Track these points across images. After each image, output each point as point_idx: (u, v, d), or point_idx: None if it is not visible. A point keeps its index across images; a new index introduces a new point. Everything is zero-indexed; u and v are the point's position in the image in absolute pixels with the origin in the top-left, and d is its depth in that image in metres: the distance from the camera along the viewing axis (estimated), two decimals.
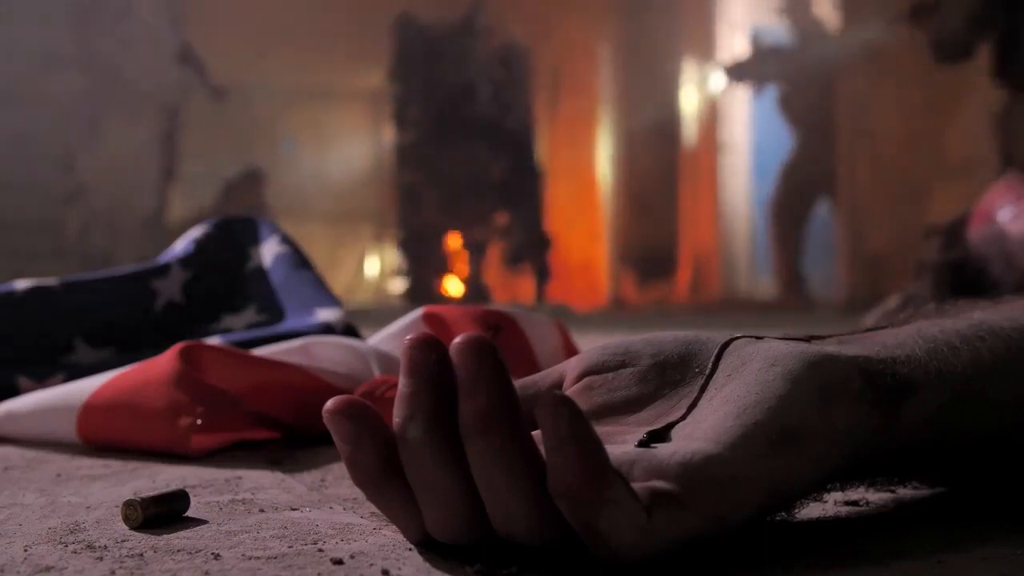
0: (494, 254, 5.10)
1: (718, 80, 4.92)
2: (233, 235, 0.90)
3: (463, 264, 5.07)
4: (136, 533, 0.40)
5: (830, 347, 0.38)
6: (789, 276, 4.61)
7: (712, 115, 4.97)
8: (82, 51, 3.87)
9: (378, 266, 4.99)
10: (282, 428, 0.63)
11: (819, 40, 4.57)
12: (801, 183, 4.60)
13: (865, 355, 0.38)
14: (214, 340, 0.74)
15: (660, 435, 0.35)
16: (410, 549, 0.37)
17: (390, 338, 0.74)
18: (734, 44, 4.83)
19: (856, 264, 4.37)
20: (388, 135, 5.06)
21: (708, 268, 4.98)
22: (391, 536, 0.39)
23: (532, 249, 5.02)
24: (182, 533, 0.40)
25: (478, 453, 0.32)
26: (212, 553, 0.37)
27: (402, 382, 0.34)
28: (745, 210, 4.91)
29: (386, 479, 0.35)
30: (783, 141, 4.77)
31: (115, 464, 0.57)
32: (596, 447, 0.30)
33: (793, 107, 4.70)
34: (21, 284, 0.80)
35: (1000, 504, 0.42)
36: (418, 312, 0.75)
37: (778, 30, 4.75)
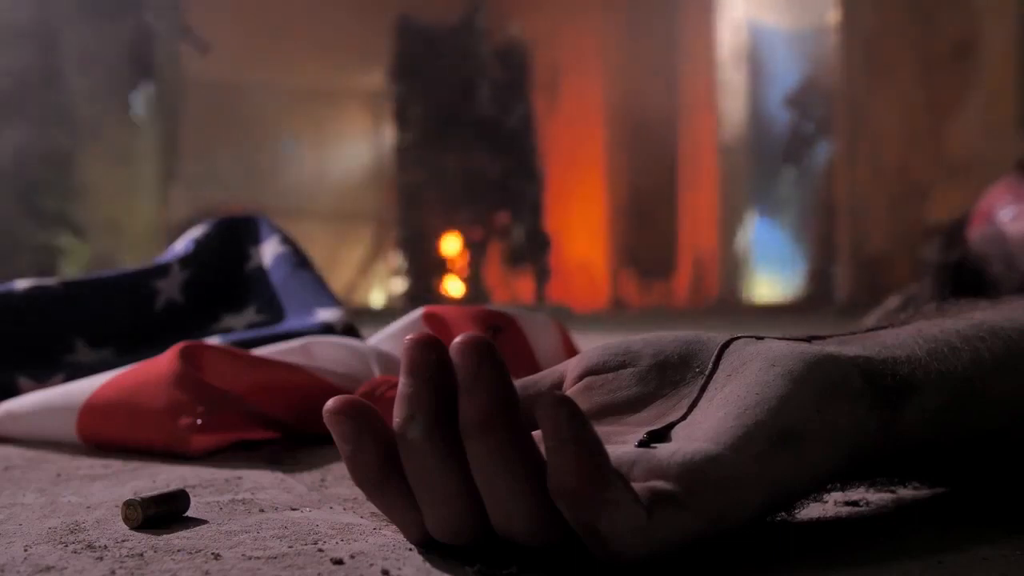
0: (494, 254, 5.09)
1: (719, 80, 4.92)
2: (233, 235, 0.90)
3: (463, 264, 5.07)
4: (136, 533, 0.40)
5: (831, 347, 0.38)
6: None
7: (713, 115, 4.97)
8: (83, 49, 3.87)
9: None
10: (282, 428, 0.63)
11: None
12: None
13: (866, 355, 0.38)
14: (214, 340, 0.74)
15: (660, 435, 0.35)
16: (410, 549, 0.37)
17: (390, 338, 0.74)
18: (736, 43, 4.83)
19: (856, 264, 4.37)
20: (388, 135, 5.06)
21: (708, 268, 4.98)
22: (391, 536, 0.39)
23: (532, 249, 5.02)
24: (182, 533, 0.40)
25: (478, 453, 0.32)
26: (212, 553, 0.37)
27: (402, 382, 0.34)
28: (745, 210, 4.91)
29: (386, 479, 0.35)
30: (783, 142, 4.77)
31: (115, 464, 0.57)
32: (596, 448, 0.30)
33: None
34: (21, 284, 0.80)
35: (1000, 504, 0.42)
36: (418, 312, 0.75)
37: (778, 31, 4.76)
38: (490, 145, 4.94)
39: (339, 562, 0.35)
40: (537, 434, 0.33)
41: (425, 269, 5.00)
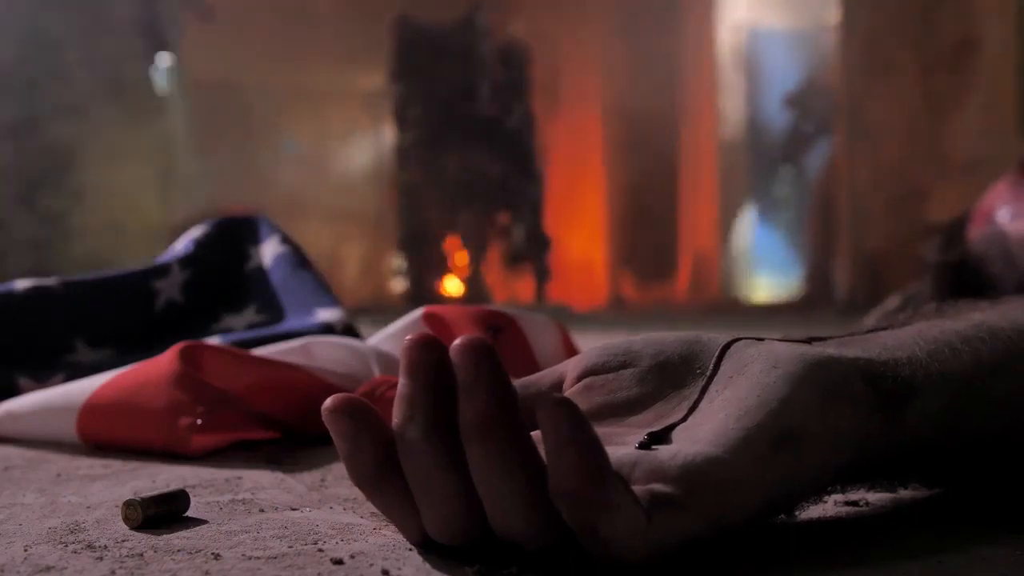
0: (494, 254, 5.09)
1: (719, 80, 4.92)
2: (233, 235, 0.90)
3: (463, 264, 5.07)
4: (136, 533, 0.40)
5: (831, 349, 0.38)
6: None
7: (713, 115, 4.97)
8: (83, 49, 3.87)
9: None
10: (282, 428, 0.63)
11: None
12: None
13: (866, 357, 0.38)
14: (214, 340, 0.74)
15: (661, 437, 0.35)
16: (410, 549, 0.37)
17: (390, 338, 0.74)
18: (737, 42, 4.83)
19: (856, 264, 4.37)
20: (388, 135, 5.06)
21: (708, 268, 4.98)
22: (391, 536, 0.39)
23: (532, 249, 5.02)
24: (182, 533, 0.40)
25: (477, 456, 0.32)
26: (212, 553, 0.37)
27: (402, 382, 0.34)
28: (745, 210, 4.91)
29: (385, 479, 0.35)
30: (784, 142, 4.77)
31: (115, 464, 0.57)
32: (597, 450, 0.30)
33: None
34: (21, 284, 0.80)
35: (1000, 504, 0.42)
36: (418, 312, 0.75)
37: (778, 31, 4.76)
38: (490, 145, 4.94)
39: (339, 562, 0.35)
40: (537, 434, 0.33)
41: (425, 269, 4.99)
